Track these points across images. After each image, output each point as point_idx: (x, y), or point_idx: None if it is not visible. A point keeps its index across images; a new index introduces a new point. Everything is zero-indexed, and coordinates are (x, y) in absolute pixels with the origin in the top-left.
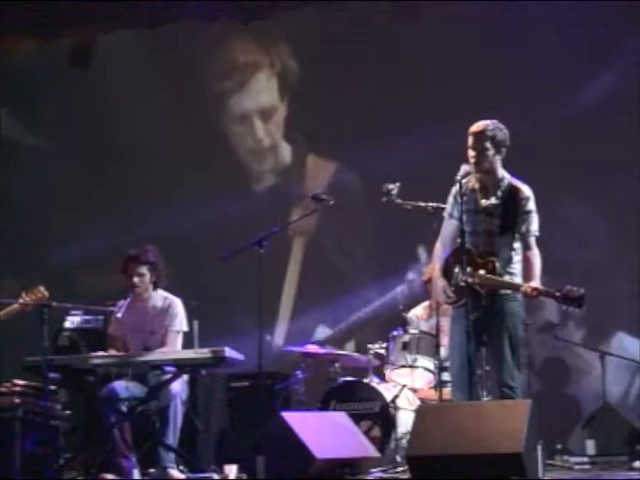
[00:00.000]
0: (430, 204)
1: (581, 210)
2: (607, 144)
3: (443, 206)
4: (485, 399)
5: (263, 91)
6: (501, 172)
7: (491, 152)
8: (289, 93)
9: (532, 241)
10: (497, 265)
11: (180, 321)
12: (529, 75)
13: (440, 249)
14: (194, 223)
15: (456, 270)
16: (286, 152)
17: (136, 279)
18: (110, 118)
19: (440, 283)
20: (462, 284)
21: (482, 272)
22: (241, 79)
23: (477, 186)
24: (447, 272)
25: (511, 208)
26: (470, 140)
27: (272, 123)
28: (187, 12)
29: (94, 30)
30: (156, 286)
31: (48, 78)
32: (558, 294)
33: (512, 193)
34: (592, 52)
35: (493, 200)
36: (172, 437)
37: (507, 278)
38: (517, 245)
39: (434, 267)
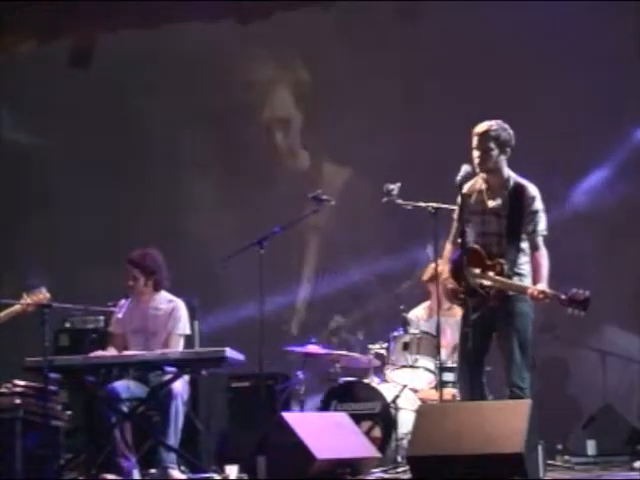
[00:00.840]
0: (431, 204)
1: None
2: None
3: (444, 206)
4: (488, 399)
5: (280, 101)
6: (507, 172)
7: (495, 152)
8: (303, 101)
9: (540, 241)
10: (505, 267)
11: (184, 324)
12: (528, 74)
13: (450, 251)
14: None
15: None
16: (304, 158)
17: (130, 281)
18: (110, 118)
19: (450, 285)
20: (473, 285)
21: (491, 274)
22: (260, 91)
23: (484, 187)
24: (456, 274)
25: (517, 208)
26: (474, 141)
27: (290, 130)
28: (187, 13)
29: (94, 30)
30: (158, 288)
31: (48, 78)
32: (564, 297)
33: (518, 193)
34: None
35: (499, 200)
36: (173, 437)
37: (516, 279)
38: (525, 245)
39: (444, 269)
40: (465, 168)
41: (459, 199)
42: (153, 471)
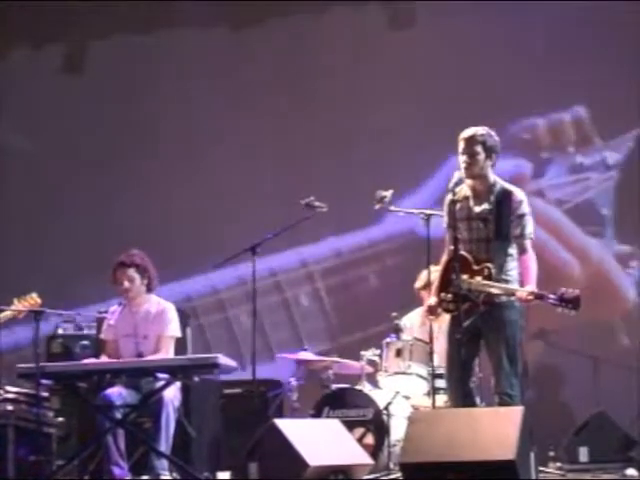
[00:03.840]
0: (423, 211)
1: None
2: None
3: (436, 213)
4: (480, 406)
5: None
6: (493, 177)
7: (482, 156)
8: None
9: (527, 244)
10: (493, 271)
11: (174, 327)
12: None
13: (445, 261)
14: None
15: (453, 277)
16: None
17: (127, 284)
18: (104, 123)
19: (434, 297)
20: (461, 292)
21: (478, 279)
22: None
23: (470, 193)
24: (444, 282)
25: (504, 212)
26: (461, 145)
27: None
28: (180, 18)
29: (87, 36)
30: (149, 290)
31: (41, 83)
32: (553, 297)
33: (505, 197)
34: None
35: (486, 206)
36: (165, 444)
37: (503, 284)
38: (513, 251)
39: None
40: (457, 174)
41: (445, 208)
42: (145, 478)
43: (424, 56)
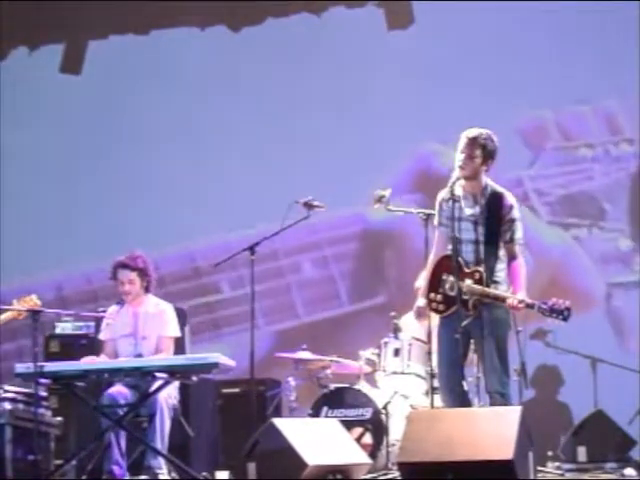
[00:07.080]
0: (422, 210)
1: None
2: None
3: (435, 213)
4: (477, 406)
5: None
6: (485, 180)
7: (479, 160)
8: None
9: (517, 249)
10: (484, 275)
11: (173, 327)
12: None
13: (434, 260)
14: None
15: (444, 278)
16: None
17: (127, 286)
18: (102, 125)
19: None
20: (451, 294)
21: (469, 282)
22: None
23: (462, 194)
24: (434, 282)
25: (495, 216)
26: (461, 144)
27: None
28: (178, 19)
29: (85, 36)
30: (148, 291)
31: (39, 84)
32: (544, 306)
33: (496, 201)
34: None
35: (477, 208)
36: (160, 442)
37: (492, 287)
38: (502, 253)
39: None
40: (455, 174)
41: (437, 206)
42: (143, 477)
43: (423, 55)
